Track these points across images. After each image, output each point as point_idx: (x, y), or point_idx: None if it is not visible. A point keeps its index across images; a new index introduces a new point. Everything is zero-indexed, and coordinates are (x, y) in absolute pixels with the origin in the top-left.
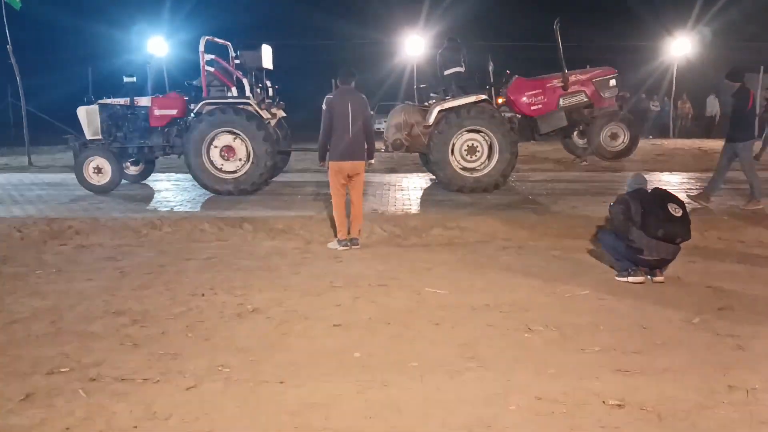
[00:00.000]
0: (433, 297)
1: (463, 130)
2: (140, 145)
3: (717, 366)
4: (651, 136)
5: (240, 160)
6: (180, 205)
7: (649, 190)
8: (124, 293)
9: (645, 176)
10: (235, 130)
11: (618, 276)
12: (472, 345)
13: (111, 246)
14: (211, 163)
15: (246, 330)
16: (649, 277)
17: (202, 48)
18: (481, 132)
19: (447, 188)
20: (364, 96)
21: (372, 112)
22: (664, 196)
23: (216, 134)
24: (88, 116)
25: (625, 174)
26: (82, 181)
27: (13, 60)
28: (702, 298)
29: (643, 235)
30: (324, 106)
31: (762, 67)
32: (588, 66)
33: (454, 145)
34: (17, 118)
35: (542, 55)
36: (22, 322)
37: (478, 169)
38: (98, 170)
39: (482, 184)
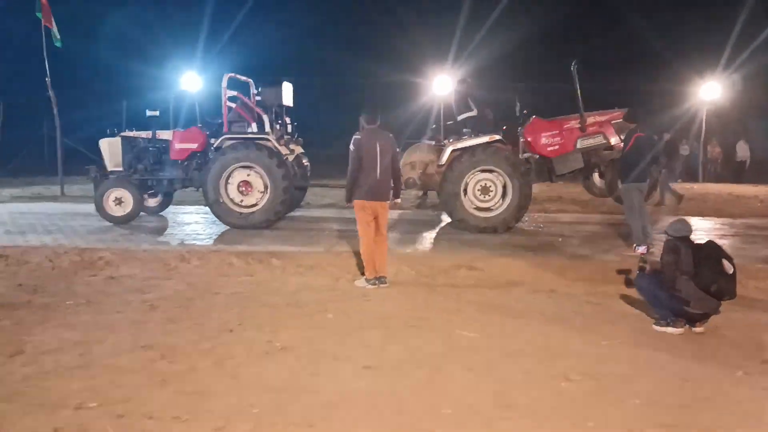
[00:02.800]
0: (465, 340)
1: (476, 170)
2: (160, 178)
3: (765, 425)
4: (680, 180)
5: (257, 194)
6: (208, 238)
7: (704, 241)
8: (152, 327)
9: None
10: (253, 165)
11: (656, 325)
12: (507, 393)
13: (140, 278)
14: (228, 196)
15: (274, 369)
16: (688, 325)
17: (224, 84)
18: (495, 172)
19: (459, 227)
20: (391, 135)
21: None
22: (718, 250)
23: (234, 169)
24: (110, 148)
25: (656, 218)
26: (102, 211)
27: (51, 93)
28: (744, 350)
29: (692, 287)
30: (351, 147)
31: None
32: (616, 108)
33: (467, 184)
34: (52, 150)
35: (568, 96)
36: (50, 354)
37: (490, 209)
38: (119, 201)
39: (494, 225)
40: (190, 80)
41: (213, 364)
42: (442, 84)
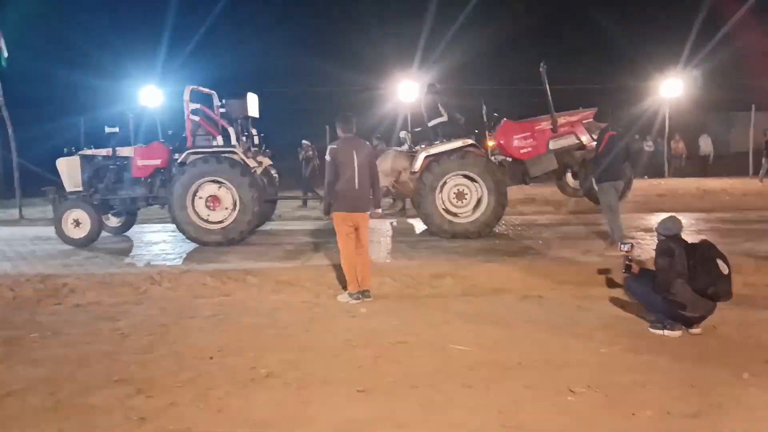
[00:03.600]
0: (459, 355)
1: (450, 175)
2: (122, 197)
3: None
4: (646, 176)
5: (226, 209)
6: (177, 257)
7: (697, 241)
8: (126, 358)
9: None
10: (221, 180)
11: (652, 328)
12: (512, 411)
13: (109, 304)
14: (197, 213)
15: (262, 398)
16: (684, 328)
17: (186, 97)
18: (470, 177)
19: (435, 234)
20: (368, 143)
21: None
22: (713, 250)
23: (201, 184)
24: (69, 168)
25: (631, 216)
26: (62, 234)
27: (5, 113)
28: (744, 350)
29: (687, 290)
30: (327, 157)
31: (753, 106)
32: (580, 108)
33: (441, 190)
34: (8, 172)
35: (534, 99)
36: (16, 395)
37: (464, 215)
38: (77, 223)
39: (469, 230)
40: (150, 94)
41: (195, 397)
42: (407, 90)
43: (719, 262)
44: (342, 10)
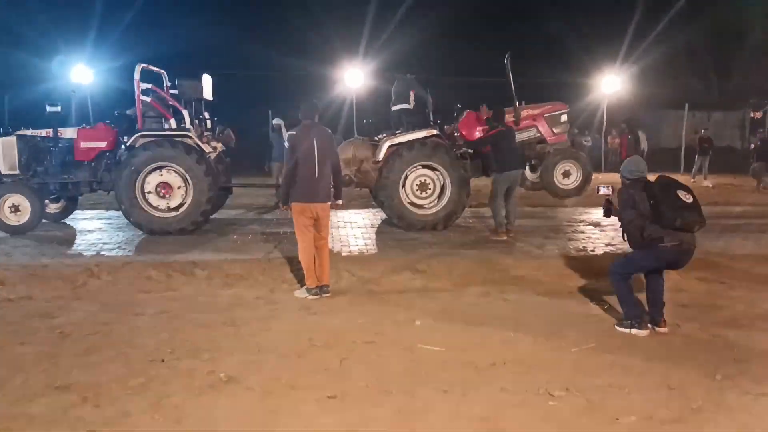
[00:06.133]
0: (429, 356)
1: (415, 165)
2: (63, 181)
3: None
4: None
5: (178, 197)
6: (117, 247)
7: (653, 180)
8: (67, 360)
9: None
10: (172, 165)
11: (618, 326)
12: (493, 418)
13: (43, 299)
14: (146, 200)
15: (224, 407)
16: (651, 326)
17: (137, 76)
18: (433, 168)
19: (397, 225)
20: (329, 131)
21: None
22: (671, 184)
23: (152, 169)
24: (4, 149)
25: (576, 209)
26: None
27: None
28: (712, 349)
29: (658, 229)
30: (286, 144)
31: (687, 104)
32: (523, 102)
33: (404, 180)
34: None
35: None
36: None
37: (428, 206)
38: (15, 209)
39: (433, 222)
40: (81, 73)
41: (149, 406)
42: (354, 77)
43: (680, 192)
44: None
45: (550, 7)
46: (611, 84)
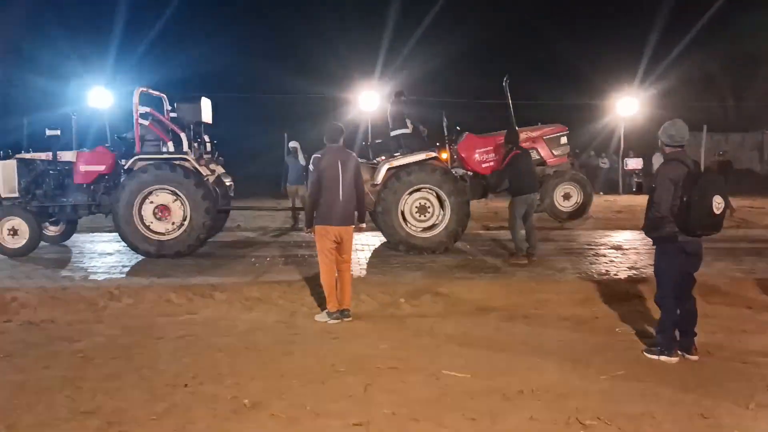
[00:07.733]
0: (455, 382)
1: (413, 188)
2: (62, 204)
3: None
4: (602, 193)
5: (176, 220)
6: (134, 271)
7: (702, 171)
8: (90, 385)
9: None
10: (171, 188)
11: (647, 352)
12: None
13: (65, 322)
14: (143, 223)
15: None
16: (681, 353)
17: (136, 99)
18: (432, 190)
19: (396, 248)
20: (354, 154)
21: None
22: (711, 189)
23: (149, 192)
24: (4, 172)
25: (595, 233)
26: None
27: None
28: (745, 377)
29: (674, 226)
30: (311, 167)
31: (705, 126)
32: (539, 123)
33: (404, 203)
34: None
35: (495, 113)
36: None
37: (428, 229)
38: (13, 232)
39: (432, 244)
40: (99, 96)
41: None
42: (368, 100)
43: (715, 200)
44: (302, 16)
45: (569, 32)
46: (628, 106)
